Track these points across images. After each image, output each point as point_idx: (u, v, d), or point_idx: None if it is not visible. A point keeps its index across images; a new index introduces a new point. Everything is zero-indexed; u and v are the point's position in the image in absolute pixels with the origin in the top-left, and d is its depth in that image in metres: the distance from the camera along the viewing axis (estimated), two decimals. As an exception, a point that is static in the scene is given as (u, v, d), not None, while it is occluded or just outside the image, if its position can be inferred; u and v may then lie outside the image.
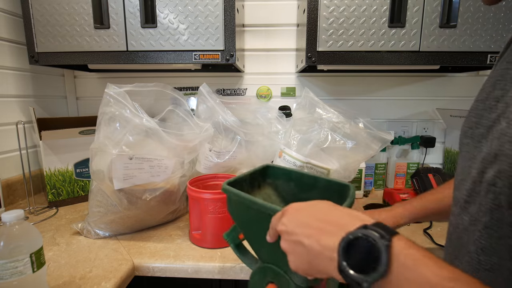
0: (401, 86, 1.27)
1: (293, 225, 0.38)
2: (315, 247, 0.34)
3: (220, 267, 0.68)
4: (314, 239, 0.34)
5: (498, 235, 0.33)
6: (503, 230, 0.32)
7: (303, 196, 0.61)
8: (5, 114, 1.03)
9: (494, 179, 0.33)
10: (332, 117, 0.82)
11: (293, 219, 0.38)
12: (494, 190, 0.33)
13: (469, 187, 0.38)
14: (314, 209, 0.38)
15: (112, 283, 0.61)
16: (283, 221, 0.39)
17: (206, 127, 0.87)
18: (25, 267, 0.49)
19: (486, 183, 0.34)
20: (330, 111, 0.83)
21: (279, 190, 0.65)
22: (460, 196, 0.40)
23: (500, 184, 0.32)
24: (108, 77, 1.33)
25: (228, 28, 0.92)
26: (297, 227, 0.37)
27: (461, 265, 0.38)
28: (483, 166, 0.35)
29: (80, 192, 1.06)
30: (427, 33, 0.89)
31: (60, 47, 0.95)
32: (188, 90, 1.31)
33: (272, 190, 0.65)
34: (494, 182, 0.33)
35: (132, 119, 0.75)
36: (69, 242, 0.78)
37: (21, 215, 0.51)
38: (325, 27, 0.90)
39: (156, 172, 0.79)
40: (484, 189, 0.34)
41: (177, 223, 0.90)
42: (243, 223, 0.54)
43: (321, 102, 0.86)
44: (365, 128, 0.84)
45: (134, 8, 0.92)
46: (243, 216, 0.53)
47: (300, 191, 0.62)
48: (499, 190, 0.32)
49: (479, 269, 0.35)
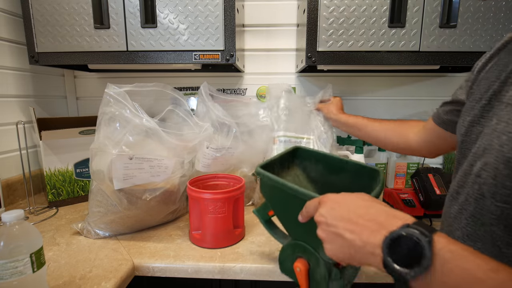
0: (401, 86, 1.27)
1: (333, 217, 0.40)
2: (357, 242, 0.37)
3: (220, 267, 0.68)
4: (356, 235, 0.37)
5: (482, 222, 0.37)
6: (485, 218, 0.36)
7: (332, 178, 0.64)
8: (5, 114, 1.03)
9: (479, 171, 0.37)
10: None
11: (333, 212, 0.41)
12: (479, 181, 0.37)
13: (459, 178, 0.42)
14: (353, 204, 0.41)
15: (112, 283, 0.61)
16: (322, 212, 0.42)
17: (206, 126, 0.87)
18: (25, 267, 0.49)
19: (473, 175, 0.38)
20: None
21: (307, 170, 0.67)
22: (453, 187, 0.44)
23: (484, 175, 0.36)
24: (108, 77, 1.33)
25: (228, 28, 0.92)
26: (337, 221, 0.40)
27: None
28: (473, 159, 0.39)
29: (80, 192, 1.06)
30: (427, 33, 0.89)
31: (60, 47, 0.95)
32: (188, 90, 1.31)
33: (300, 171, 0.68)
34: (480, 174, 0.37)
35: (132, 119, 0.75)
36: (69, 242, 0.78)
37: (21, 215, 0.51)
38: (325, 27, 0.90)
39: (156, 172, 0.79)
40: (471, 181, 0.39)
41: (177, 223, 0.90)
42: (275, 204, 0.57)
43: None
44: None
45: (134, 8, 0.92)
46: (275, 198, 0.55)
47: (328, 172, 0.64)
48: (483, 181, 0.36)
49: None
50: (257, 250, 0.74)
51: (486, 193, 0.36)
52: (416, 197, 0.95)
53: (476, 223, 0.38)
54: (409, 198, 0.95)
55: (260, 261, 0.70)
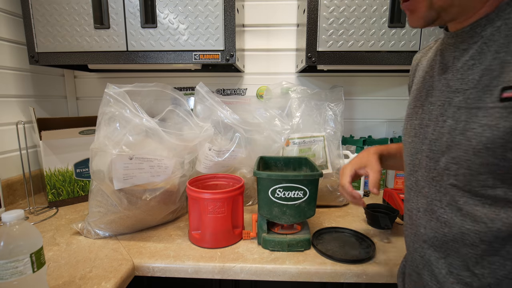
0: (401, 86, 1.27)
1: None
2: None
3: (220, 267, 0.68)
4: None
5: (457, 207, 0.41)
6: (459, 203, 0.41)
7: (285, 169, 0.95)
8: (5, 114, 1.03)
9: (447, 164, 0.42)
10: None
11: None
12: (449, 173, 0.42)
13: (423, 174, 0.47)
14: None
15: (112, 283, 0.61)
16: None
17: (206, 127, 0.87)
18: (25, 267, 0.49)
19: (440, 169, 0.43)
20: None
21: (272, 169, 0.95)
22: (413, 183, 0.50)
23: (454, 168, 0.41)
24: (108, 77, 1.33)
25: (228, 28, 0.92)
26: None
27: (426, 243, 0.46)
28: (435, 156, 0.44)
29: (80, 192, 1.06)
30: (427, 33, 0.89)
31: (60, 47, 0.95)
32: (188, 90, 1.31)
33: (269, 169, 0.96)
34: (448, 167, 0.42)
35: (132, 119, 0.75)
36: (69, 242, 0.78)
37: (21, 215, 0.51)
38: (325, 27, 0.90)
39: (156, 172, 0.79)
40: (439, 174, 0.44)
41: (177, 223, 0.90)
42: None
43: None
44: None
45: (134, 8, 0.92)
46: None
47: (284, 166, 0.95)
48: (453, 173, 0.41)
49: (446, 241, 0.43)
50: (257, 250, 0.74)
51: (459, 183, 0.40)
52: (416, 197, 0.95)
53: (452, 210, 0.42)
54: (409, 198, 0.95)
55: (260, 261, 0.70)
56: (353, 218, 0.94)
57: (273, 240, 0.75)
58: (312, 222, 0.90)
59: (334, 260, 0.70)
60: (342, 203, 1.04)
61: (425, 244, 0.47)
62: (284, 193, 0.73)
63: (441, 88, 0.45)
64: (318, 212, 0.98)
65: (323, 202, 1.02)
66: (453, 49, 0.44)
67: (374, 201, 1.09)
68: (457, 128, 0.40)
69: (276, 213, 0.74)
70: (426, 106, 0.47)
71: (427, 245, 0.46)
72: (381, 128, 1.31)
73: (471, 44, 0.40)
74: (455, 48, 0.43)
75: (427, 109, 0.47)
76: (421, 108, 0.49)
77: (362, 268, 0.67)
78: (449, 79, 0.43)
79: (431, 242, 0.45)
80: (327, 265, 0.68)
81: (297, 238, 0.75)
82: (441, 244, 0.44)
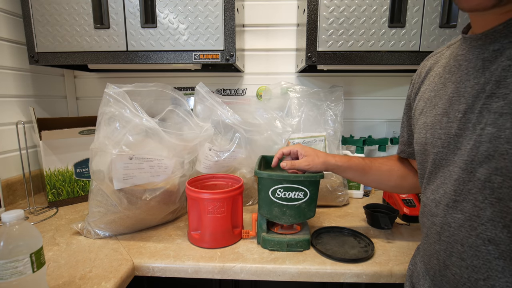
0: (401, 86, 1.27)
1: None
2: None
3: (220, 267, 0.68)
4: None
5: (503, 224, 0.37)
6: (506, 219, 0.37)
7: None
8: (5, 114, 1.03)
9: (489, 176, 0.38)
10: None
11: None
12: (491, 186, 0.38)
13: (455, 187, 0.43)
14: None
15: (112, 283, 0.61)
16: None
17: (206, 127, 0.87)
18: (25, 267, 0.49)
19: (479, 181, 0.39)
20: None
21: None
22: (442, 197, 0.45)
23: (498, 179, 0.37)
24: (108, 77, 1.33)
25: (228, 28, 0.92)
26: None
27: (464, 261, 0.42)
28: (470, 167, 0.40)
29: (80, 192, 1.06)
30: (427, 33, 0.89)
31: (60, 47, 0.95)
32: (188, 90, 1.31)
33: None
34: (490, 179, 0.38)
35: (132, 119, 0.75)
36: (69, 242, 0.78)
37: (21, 215, 0.51)
38: (325, 27, 0.90)
39: (156, 172, 0.79)
40: (476, 187, 0.40)
41: (177, 223, 0.90)
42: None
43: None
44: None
45: (134, 8, 0.92)
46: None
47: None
48: (497, 185, 0.37)
49: (490, 259, 0.39)
50: (257, 250, 0.74)
51: (505, 196, 0.36)
52: (416, 197, 0.95)
53: (496, 226, 0.38)
54: (409, 198, 0.95)
55: (260, 261, 0.70)
56: (353, 218, 0.94)
57: (272, 240, 0.75)
58: (312, 222, 0.90)
59: (334, 260, 0.70)
60: (342, 203, 1.04)
61: (463, 263, 0.42)
62: (284, 193, 0.72)
63: (470, 92, 0.42)
64: (318, 212, 0.98)
65: (323, 202, 1.02)
66: (480, 51, 0.41)
67: (374, 201, 1.09)
68: (501, 136, 0.37)
69: (276, 213, 0.74)
70: (452, 113, 0.44)
71: (466, 263, 0.42)
72: (381, 128, 1.31)
73: (505, 43, 0.38)
74: (483, 49, 0.40)
75: (454, 117, 0.44)
76: (445, 117, 0.46)
77: (362, 268, 0.67)
78: (482, 84, 0.40)
79: (470, 261, 0.41)
80: (327, 265, 0.68)
81: (296, 238, 0.75)
82: (481, 265, 0.40)
